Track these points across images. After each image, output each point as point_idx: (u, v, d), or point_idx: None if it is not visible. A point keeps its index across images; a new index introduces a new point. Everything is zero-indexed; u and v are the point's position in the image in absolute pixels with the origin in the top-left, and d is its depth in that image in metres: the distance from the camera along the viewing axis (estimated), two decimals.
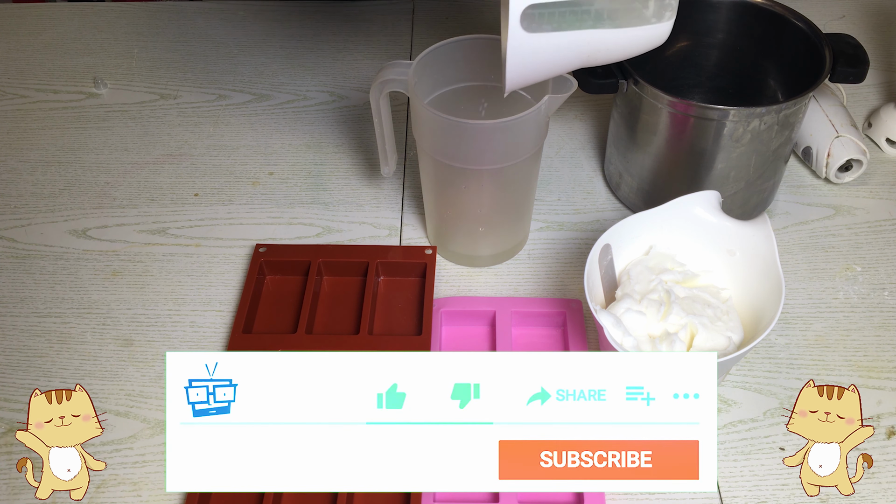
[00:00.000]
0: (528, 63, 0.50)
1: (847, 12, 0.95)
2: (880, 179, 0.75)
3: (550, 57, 0.50)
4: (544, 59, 0.50)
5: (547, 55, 0.50)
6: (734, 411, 0.58)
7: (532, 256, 0.69)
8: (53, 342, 0.63)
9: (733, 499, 0.54)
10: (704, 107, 0.61)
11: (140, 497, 0.54)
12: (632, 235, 0.60)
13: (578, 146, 0.80)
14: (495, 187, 0.62)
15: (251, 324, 0.63)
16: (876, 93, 0.85)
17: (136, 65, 0.90)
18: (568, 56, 0.50)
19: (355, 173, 0.77)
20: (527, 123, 0.56)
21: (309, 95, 0.86)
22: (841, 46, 0.63)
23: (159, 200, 0.74)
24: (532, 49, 0.49)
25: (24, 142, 0.81)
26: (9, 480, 0.55)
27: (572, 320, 0.62)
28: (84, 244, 0.71)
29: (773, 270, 0.55)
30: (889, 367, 0.61)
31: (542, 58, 0.50)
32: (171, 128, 0.82)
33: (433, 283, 0.64)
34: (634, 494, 0.54)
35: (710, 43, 0.72)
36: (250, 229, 0.72)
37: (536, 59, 0.50)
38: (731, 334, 0.55)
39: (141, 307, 0.66)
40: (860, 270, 0.68)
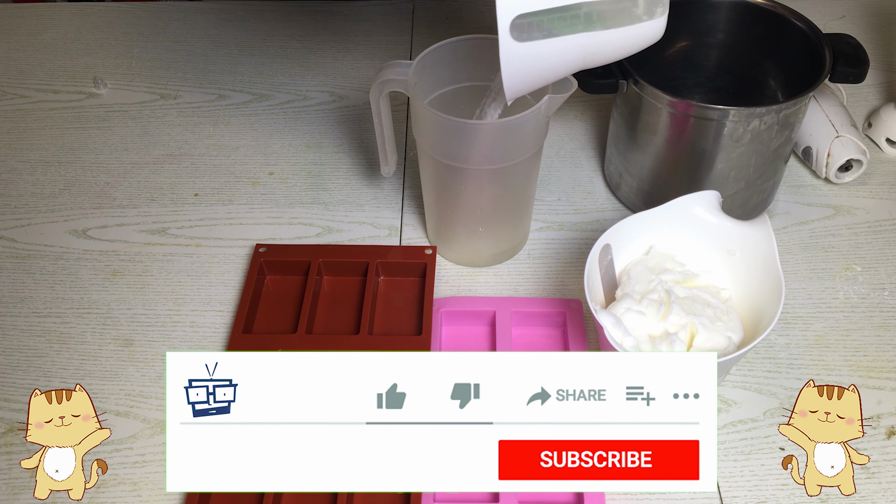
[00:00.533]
0: (524, 71, 0.50)
1: (847, 12, 0.95)
2: (880, 179, 0.75)
3: (546, 63, 0.50)
4: (540, 66, 0.50)
5: (542, 62, 0.50)
6: (734, 411, 0.58)
7: (532, 256, 0.69)
8: (53, 342, 0.63)
9: (733, 499, 0.54)
10: (704, 107, 0.61)
11: (140, 497, 0.54)
12: (632, 235, 0.60)
13: (578, 146, 0.80)
14: (495, 187, 0.62)
15: (251, 324, 0.63)
16: (876, 93, 0.85)
17: (136, 65, 0.90)
18: (564, 61, 0.50)
19: (355, 173, 0.77)
20: (527, 123, 0.56)
21: (309, 95, 0.86)
22: (841, 46, 0.63)
23: (159, 200, 0.74)
24: (525, 58, 0.49)
25: (24, 142, 0.81)
26: (9, 480, 0.55)
27: (572, 320, 0.62)
28: (84, 244, 0.71)
29: (773, 270, 0.55)
30: (889, 367, 0.61)
31: (538, 65, 0.50)
32: (171, 128, 0.82)
33: (433, 283, 0.64)
34: (634, 494, 0.54)
35: (710, 43, 0.72)
36: (250, 229, 0.72)
37: (532, 66, 0.50)
38: (731, 334, 0.55)
39: (141, 307, 0.66)
40: (860, 270, 0.68)
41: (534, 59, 0.49)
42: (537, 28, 0.48)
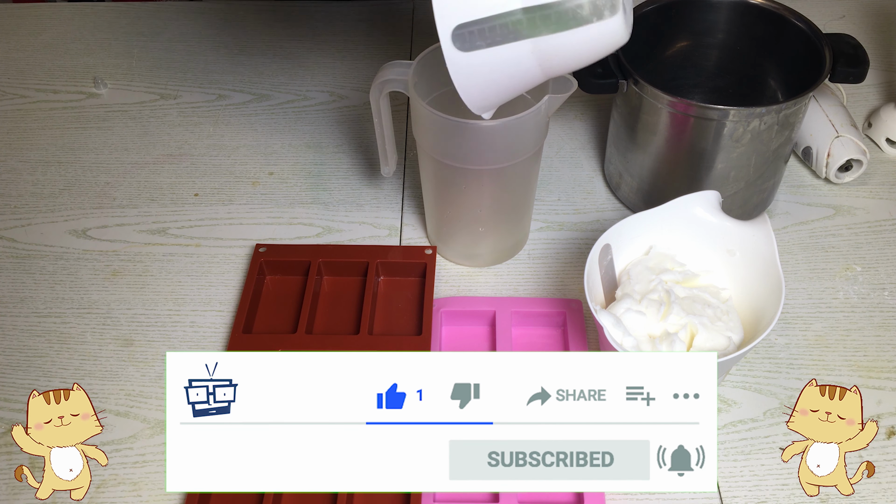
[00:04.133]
0: (478, 83, 0.49)
1: (847, 12, 0.95)
2: (880, 179, 0.75)
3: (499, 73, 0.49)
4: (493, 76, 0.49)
5: (493, 72, 0.48)
6: (734, 411, 0.58)
7: (532, 256, 0.69)
8: (53, 342, 0.63)
9: (733, 499, 0.54)
10: (704, 107, 0.61)
11: (140, 497, 0.54)
12: (632, 235, 0.60)
13: (578, 146, 0.80)
14: (495, 187, 0.62)
15: (251, 324, 0.63)
16: (876, 93, 0.85)
17: (136, 65, 0.90)
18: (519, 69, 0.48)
19: (355, 173, 0.77)
20: (527, 123, 0.56)
21: (309, 95, 0.86)
22: (841, 46, 0.63)
23: (159, 200, 0.74)
24: (474, 68, 0.48)
25: (24, 142, 0.81)
26: (9, 480, 0.55)
27: (572, 320, 0.62)
28: (84, 244, 0.71)
29: (773, 270, 0.55)
30: (889, 367, 0.61)
31: (490, 75, 0.49)
32: (171, 128, 0.82)
33: (433, 283, 0.64)
34: (634, 494, 0.54)
35: (710, 43, 0.72)
36: (250, 229, 0.72)
37: (484, 77, 0.49)
38: (731, 334, 0.55)
39: (141, 307, 0.66)
40: (860, 270, 0.68)
41: (483, 69, 0.48)
42: (479, 37, 0.47)
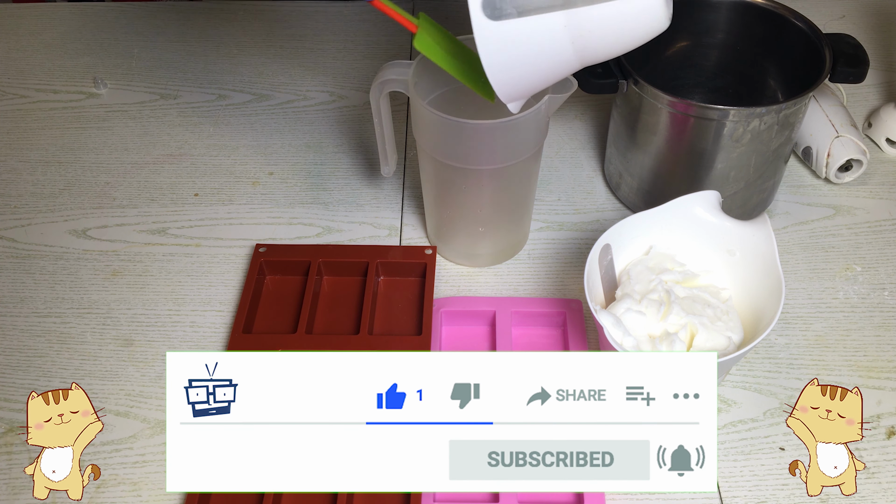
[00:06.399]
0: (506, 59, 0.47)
1: (847, 12, 0.95)
2: (880, 179, 0.75)
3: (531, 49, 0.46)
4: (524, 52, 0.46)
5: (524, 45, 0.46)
6: (734, 411, 0.58)
7: (532, 256, 0.69)
8: (53, 342, 0.63)
9: (733, 499, 0.54)
10: (704, 107, 0.61)
11: (140, 497, 0.54)
12: (632, 235, 0.60)
13: (578, 146, 0.80)
14: (495, 187, 0.62)
15: (251, 324, 0.63)
16: (876, 93, 0.85)
17: (136, 65, 0.90)
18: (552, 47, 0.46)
19: (355, 173, 0.77)
20: (527, 123, 0.56)
21: (309, 95, 0.86)
22: (841, 46, 0.63)
23: (159, 200, 0.74)
24: (503, 40, 0.46)
25: (24, 142, 0.81)
26: (9, 480, 0.55)
27: (572, 320, 0.62)
28: (84, 244, 0.71)
29: (773, 270, 0.55)
30: (889, 367, 0.61)
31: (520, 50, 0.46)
32: (171, 128, 0.82)
33: (433, 283, 0.64)
34: (634, 494, 0.54)
35: (710, 43, 0.72)
36: (250, 229, 0.72)
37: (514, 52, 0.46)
38: (731, 334, 0.55)
39: (141, 307, 0.66)
40: (860, 270, 0.68)
41: (513, 43, 0.46)
42: (510, 2, 0.45)
